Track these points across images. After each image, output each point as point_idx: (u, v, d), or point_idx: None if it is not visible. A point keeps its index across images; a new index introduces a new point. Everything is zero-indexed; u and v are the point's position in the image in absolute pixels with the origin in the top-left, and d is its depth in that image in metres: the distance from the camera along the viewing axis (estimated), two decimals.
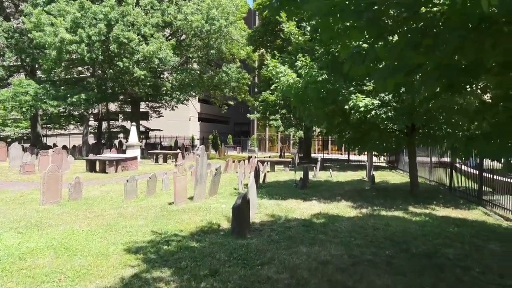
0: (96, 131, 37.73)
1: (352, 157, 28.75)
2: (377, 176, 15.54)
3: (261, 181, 14.21)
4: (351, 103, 9.59)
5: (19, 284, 4.26)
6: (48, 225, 6.99)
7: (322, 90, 10.18)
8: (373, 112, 9.56)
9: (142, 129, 38.75)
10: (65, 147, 28.71)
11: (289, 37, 22.07)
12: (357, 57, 3.67)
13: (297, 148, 34.67)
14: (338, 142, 13.57)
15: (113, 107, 39.37)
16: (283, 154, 31.86)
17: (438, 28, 3.01)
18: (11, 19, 29.79)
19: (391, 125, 10.19)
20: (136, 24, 24.19)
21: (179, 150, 28.54)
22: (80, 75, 31.02)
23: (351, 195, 11.25)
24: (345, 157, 30.61)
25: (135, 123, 24.99)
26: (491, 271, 4.84)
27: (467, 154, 3.43)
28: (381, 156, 22.41)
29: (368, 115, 9.57)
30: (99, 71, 28.56)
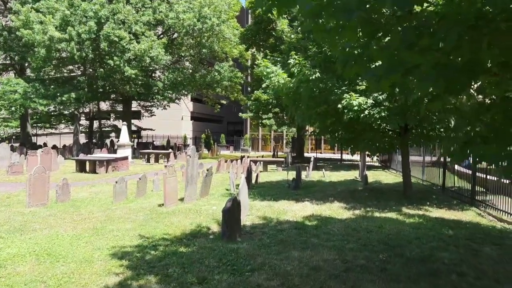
0: (87, 130, 37.33)
1: (345, 156, 28.69)
2: (370, 176, 15.45)
3: (253, 181, 14.06)
4: (345, 102, 9.45)
5: None
6: (32, 229, 6.77)
7: (314, 89, 10.04)
8: (366, 112, 9.43)
9: (134, 128, 38.38)
10: (55, 146, 28.31)
11: (281, 35, 21.93)
12: (349, 57, 3.52)
13: (290, 148, 34.54)
14: (331, 142, 13.45)
15: (104, 106, 38.99)
16: (276, 154, 31.72)
17: (434, 27, 2.87)
18: None
19: (384, 125, 10.07)
20: (127, 22, 23.86)
21: (171, 150, 28.26)
22: (71, 74, 30.58)
23: (344, 196, 11.12)
24: (338, 156, 30.53)
25: (126, 122, 24.69)
26: (486, 276, 4.72)
27: (463, 158, 3.29)
28: (374, 156, 22.38)
29: (362, 114, 9.43)
30: (90, 70, 28.17)
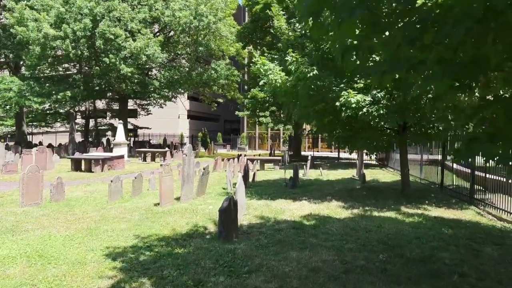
0: (83, 129, 37.05)
1: (342, 154, 28.62)
2: (367, 175, 15.37)
3: (250, 180, 13.94)
4: (343, 100, 9.33)
5: None
6: (24, 230, 6.62)
7: (312, 86, 9.92)
8: (364, 110, 9.32)
9: (130, 127, 38.10)
10: (50, 145, 28.09)
11: (279, 32, 21.77)
12: (349, 48, 3.41)
13: (287, 146, 34.44)
14: (328, 140, 13.34)
15: (100, 104, 38.67)
16: (273, 152, 31.63)
17: (440, 20, 2.75)
18: None
19: (383, 123, 9.96)
20: (122, 20, 23.62)
21: (167, 149, 28.10)
22: (66, 72, 30.29)
23: (342, 195, 11.02)
24: (335, 154, 30.46)
25: (122, 121, 24.45)
26: (489, 277, 4.62)
27: (469, 156, 3.17)
28: (372, 155, 22.28)
29: (360, 112, 9.33)
30: (86, 68, 27.90)
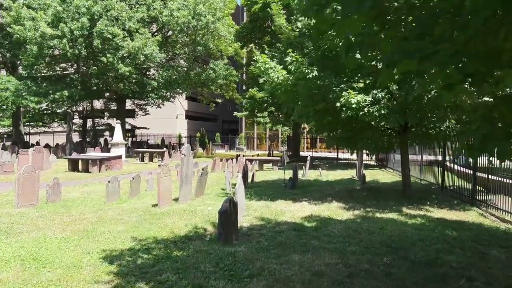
0: (80, 129, 36.83)
1: (341, 155, 28.49)
2: (366, 175, 15.23)
3: (249, 180, 13.80)
4: (343, 100, 9.19)
5: None
6: (18, 232, 6.45)
7: (312, 86, 9.79)
8: (365, 110, 9.19)
9: (128, 127, 37.92)
10: (47, 145, 27.89)
11: (278, 29, 21.63)
12: (353, 46, 3.29)
13: (285, 146, 34.30)
14: (328, 141, 13.18)
15: (98, 104, 38.47)
16: (271, 152, 31.49)
17: (454, 13, 2.62)
18: None
19: (384, 123, 9.84)
20: (120, 19, 23.45)
21: (165, 149, 27.93)
22: (64, 72, 30.08)
23: (342, 196, 10.89)
24: (334, 155, 30.31)
25: (120, 121, 24.32)
26: (497, 281, 4.49)
27: (483, 152, 3.05)
28: (372, 155, 22.18)
29: (360, 112, 9.20)
30: (83, 68, 27.71)
